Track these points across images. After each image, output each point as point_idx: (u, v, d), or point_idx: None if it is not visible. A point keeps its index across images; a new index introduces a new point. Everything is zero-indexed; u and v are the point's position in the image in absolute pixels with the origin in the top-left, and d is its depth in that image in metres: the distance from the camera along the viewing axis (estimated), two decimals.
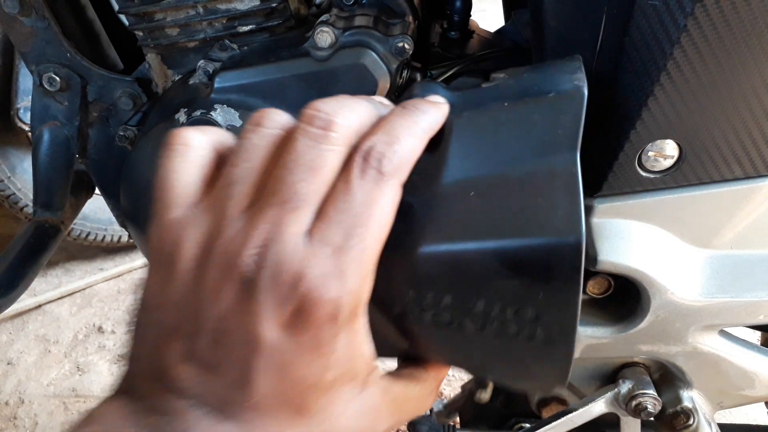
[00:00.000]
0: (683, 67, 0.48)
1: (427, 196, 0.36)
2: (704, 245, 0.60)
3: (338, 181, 0.32)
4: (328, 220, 0.31)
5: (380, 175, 0.32)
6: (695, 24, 0.46)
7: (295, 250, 0.30)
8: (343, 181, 0.31)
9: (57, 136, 0.70)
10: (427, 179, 0.36)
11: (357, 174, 0.31)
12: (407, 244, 0.36)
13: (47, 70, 0.68)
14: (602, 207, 0.57)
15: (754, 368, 0.68)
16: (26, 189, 1.96)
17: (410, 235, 0.36)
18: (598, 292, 0.66)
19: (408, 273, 0.36)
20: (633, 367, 0.71)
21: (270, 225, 0.30)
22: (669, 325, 0.63)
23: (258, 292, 0.30)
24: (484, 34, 0.83)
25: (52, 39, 0.67)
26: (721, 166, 0.54)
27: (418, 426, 0.83)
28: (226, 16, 0.63)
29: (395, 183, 0.33)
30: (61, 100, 0.70)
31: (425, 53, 0.75)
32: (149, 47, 0.66)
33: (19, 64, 1.81)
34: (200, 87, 0.62)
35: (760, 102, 0.51)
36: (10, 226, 2.22)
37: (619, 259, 0.58)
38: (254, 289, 0.30)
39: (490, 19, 1.06)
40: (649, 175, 0.55)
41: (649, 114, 0.51)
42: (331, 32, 0.59)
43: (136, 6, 0.63)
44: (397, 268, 0.36)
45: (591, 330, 0.65)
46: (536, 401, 0.80)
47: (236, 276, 0.30)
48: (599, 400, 0.70)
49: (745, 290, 0.61)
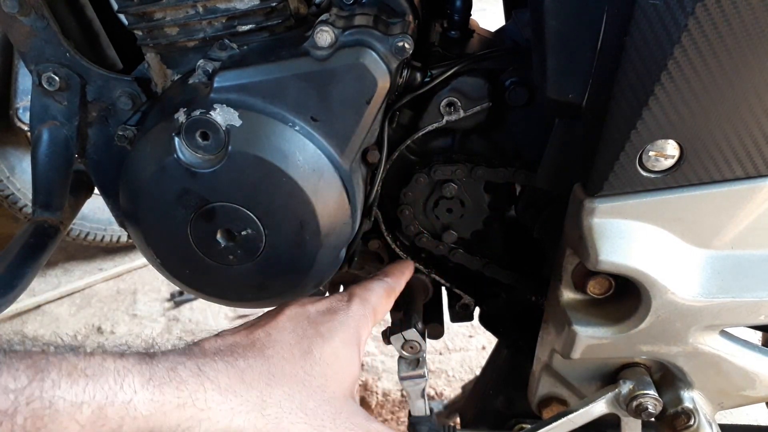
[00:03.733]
0: (684, 67, 0.48)
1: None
2: (705, 245, 0.60)
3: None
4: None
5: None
6: (696, 23, 0.46)
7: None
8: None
9: (56, 136, 0.70)
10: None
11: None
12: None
13: (46, 69, 0.68)
14: (603, 207, 0.57)
15: (755, 368, 0.68)
16: (25, 189, 1.96)
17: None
18: (598, 292, 0.66)
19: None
20: (634, 368, 0.71)
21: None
22: (670, 325, 0.63)
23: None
24: (485, 34, 0.83)
25: (51, 38, 0.67)
26: (722, 166, 0.54)
27: (419, 427, 0.82)
28: (226, 15, 0.63)
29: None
30: (60, 100, 0.69)
31: (425, 53, 0.75)
32: (148, 46, 0.66)
33: (18, 64, 1.81)
34: (200, 86, 0.62)
35: (761, 102, 0.51)
36: (10, 226, 2.22)
37: (620, 259, 0.58)
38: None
39: (490, 19, 1.06)
40: (650, 175, 0.55)
41: (649, 114, 0.51)
42: (330, 31, 0.59)
43: (135, 5, 0.63)
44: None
45: (591, 330, 0.65)
46: (537, 402, 0.80)
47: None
48: (600, 401, 0.70)
49: (746, 290, 0.61)
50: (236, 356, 0.51)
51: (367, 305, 0.63)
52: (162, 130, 0.62)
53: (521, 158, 0.76)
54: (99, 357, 0.43)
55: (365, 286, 0.67)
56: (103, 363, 0.42)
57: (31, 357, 0.40)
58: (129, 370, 0.43)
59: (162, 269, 0.70)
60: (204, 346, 0.52)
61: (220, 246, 0.65)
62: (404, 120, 0.73)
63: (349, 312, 0.61)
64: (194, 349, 0.51)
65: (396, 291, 0.70)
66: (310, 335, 0.56)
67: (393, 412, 1.60)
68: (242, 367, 0.50)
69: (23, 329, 2.06)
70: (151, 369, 0.44)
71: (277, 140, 0.60)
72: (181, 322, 2.04)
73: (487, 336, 1.83)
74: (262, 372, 0.51)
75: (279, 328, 0.56)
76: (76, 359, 0.41)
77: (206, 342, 0.53)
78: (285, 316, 0.58)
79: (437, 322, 0.90)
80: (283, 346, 0.54)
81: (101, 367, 0.42)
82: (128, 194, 0.67)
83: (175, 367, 0.46)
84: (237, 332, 0.55)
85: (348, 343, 0.58)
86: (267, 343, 0.54)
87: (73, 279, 2.28)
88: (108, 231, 2.19)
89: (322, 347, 0.56)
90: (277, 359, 0.52)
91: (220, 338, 0.54)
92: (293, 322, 0.57)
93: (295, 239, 0.64)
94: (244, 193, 0.62)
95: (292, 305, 0.60)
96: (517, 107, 0.71)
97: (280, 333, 0.55)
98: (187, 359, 0.48)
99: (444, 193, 0.76)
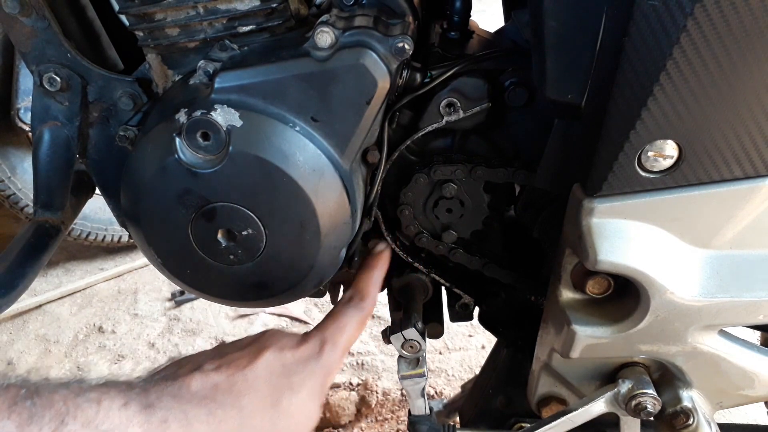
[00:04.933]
0: (683, 67, 0.48)
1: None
2: (704, 245, 0.60)
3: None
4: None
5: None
6: (695, 24, 0.46)
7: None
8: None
9: (57, 137, 0.70)
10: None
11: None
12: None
13: (48, 70, 0.68)
14: (602, 207, 0.58)
15: (754, 368, 0.68)
16: (27, 189, 1.96)
17: None
18: (597, 292, 0.66)
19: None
20: (632, 367, 0.71)
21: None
22: (668, 325, 0.63)
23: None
24: (484, 34, 0.83)
25: (52, 39, 0.67)
26: (720, 166, 0.55)
27: (418, 426, 0.83)
28: (227, 16, 0.63)
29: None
30: (61, 101, 0.70)
31: (425, 53, 0.75)
32: (149, 47, 0.66)
33: (19, 65, 1.81)
34: (200, 87, 0.62)
35: (760, 102, 0.51)
36: (11, 226, 2.22)
37: (619, 259, 0.58)
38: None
39: (490, 19, 1.06)
40: (649, 175, 0.55)
41: (648, 114, 0.51)
42: (331, 32, 0.59)
43: (136, 6, 0.63)
44: None
45: (591, 330, 0.65)
46: (536, 401, 0.80)
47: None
48: (599, 400, 0.70)
49: (745, 290, 0.61)
50: (217, 403, 0.57)
51: (337, 349, 0.68)
52: (163, 130, 0.62)
53: (521, 158, 0.76)
54: (105, 408, 0.49)
55: (338, 324, 0.70)
56: (108, 413, 0.49)
57: (52, 406, 0.46)
58: (131, 420, 0.50)
59: (163, 269, 0.70)
60: (191, 387, 0.57)
61: (221, 246, 0.65)
62: (404, 120, 0.74)
63: (320, 361, 0.66)
64: (183, 391, 0.56)
65: (370, 312, 0.73)
66: (282, 386, 0.62)
67: (393, 411, 1.60)
68: (220, 417, 0.57)
69: (24, 329, 2.06)
70: (149, 420, 0.51)
71: (277, 141, 0.61)
72: (181, 322, 2.04)
73: (486, 335, 1.83)
74: (234, 425, 0.58)
75: (256, 374, 0.61)
76: (89, 409, 0.48)
77: (193, 381, 0.58)
78: (263, 361, 0.62)
79: (437, 321, 0.91)
80: (257, 395, 0.60)
81: (107, 417, 0.49)
82: (129, 194, 0.67)
83: (167, 417, 0.53)
84: (220, 369, 0.60)
85: (313, 395, 0.64)
86: (243, 389, 0.60)
87: (75, 279, 2.29)
88: (109, 231, 2.19)
89: (291, 399, 0.62)
90: (249, 410, 0.59)
91: (204, 376, 0.59)
92: (268, 371, 0.62)
93: (296, 239, 0.64)
94: (245, 194, 0.62)
95: (271, 349, 0.64)
96: (516, 108, 0.72)
97: (255, 380, 0.61)
98: (176, 404, 0.54)
99: (444, 193, 0.76)
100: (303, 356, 0.65)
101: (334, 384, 1.69)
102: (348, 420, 1.58)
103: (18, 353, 1.97)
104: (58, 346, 1.99)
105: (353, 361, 1.80)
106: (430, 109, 0.72)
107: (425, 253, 0.84)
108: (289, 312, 2.00)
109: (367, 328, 1.91)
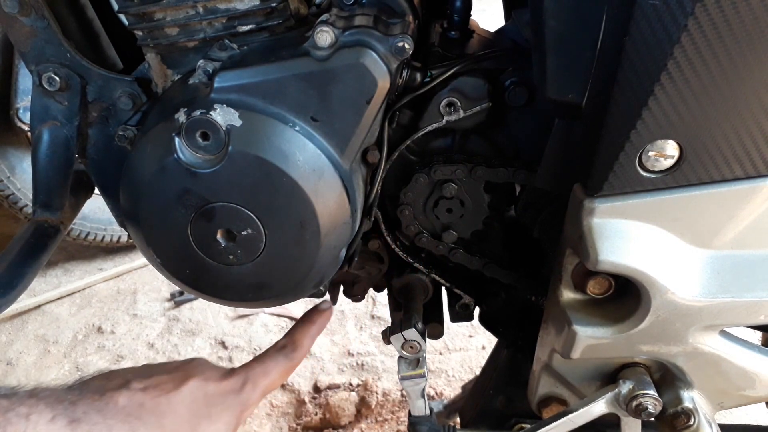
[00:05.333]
0: (684, 67, 0.48)
1: None
2: (705, 245, 0.60)
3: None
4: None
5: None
6: (696, 24, 0.46)
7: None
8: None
9: (56, 136, 0.70)
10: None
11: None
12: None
13: (47, 69, 0.68)
14: (603, 207, 0.57)
15: (755, 368, 0.68)
16: (26, 189, 1.96)
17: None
18: (598, 292, 0.66)
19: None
20: (633, 368, 0.71)
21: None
22: (669, 325, 0.63)
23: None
24: (484, 34, 0.83)
25: (51, 39, 0.67)
26: (721, 166, 0.54)
27: (418, 427, 0.83)
28: (226, 15, 0.63)
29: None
30: (60, 100, 0.69)
31: (425, 53, 0.75)
32: (149, 47, 0.66)
33: (18, 64, 1.81)
34: (200, 87, 0.62)
35: (761, 101, 0.51)
36: (10, 226, 2.22)
37: (620, 259, 0.58)
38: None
39: (490, 19, 1.06)
40: (650, 175, 0.55)
41: (649, 114, 0.51)
42: (331, 32, 0.59)
43: (135, 6, 0.63)
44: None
45: (591, 330, 0.65)
46: (537, 402, 0.80)
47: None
48: (600, 401, 0.70)
49: (746, 290, 0.61)
50: (141, 421, 0.61)
51: (256, 390, 0.72)
52: (162, 130, 0.62)
53: (521, 158, 0.76)
54: (33, 422, 0.53)
55: (264, 367, 0.74)
56: (36, 427, 0.52)
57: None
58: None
59: (162, 269, 0.70)
60: (118, 403, 0.61)
61: (221, 246, 0.65)
62: (404, 120, 0.73)
63: (239, 398, 0.70)
64: (109, 407, 0.60)
65: (298, 363, 0.77)
66: (202, 414, 0.66)
67: (393, 411, 1.60)
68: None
69: (23, 329, 2.06)
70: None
71: (277, 140, 0.60)
72: (181, 322, 2.04)
73: (486, 336, 1.83)
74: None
75: (179, 399, 0.65)
76: (18, 423, 0.51)
77: (120, 397, 0.62)
78: (188, 388, 0.66)
79: (437, 322, 0.91)
80: (178, 418, 0.64)
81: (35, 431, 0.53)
82: (128, 194, 0.67)
83: (92, 430, 0.57)
84: (146, 390, 0.64)
85: (229, 427, 0.68)
86: (166, 411, 0.64)
87: (74, 279, 2.28)
88: (108, 231, 2.19)
89: (208, 427, 0.66)
90: (169, 431, 0.63)
91: (131, 394, 0.63)
92: (191, 398, 0.66)
93: (296, 239, 0.64)
94: (245, 193, 0.62)
95: (196, 378, 0.68)
96: (516, 107, 0.71)
97: (178, 405, 0.65)
98: (102, 420, 0.58)
99: (444, 193, 0.76)
100: (225, 390, 0.69)
101: (334, 384, 1.69)
102: (348, 421, 1.58)
103: (17, 354, 1.97)
104: (57, 346, 1.99)
105: (353, 362, 1.80)
106: (430, 109, 0.72)
107: (425, 253, 0.84)
108: (288, 312, 2.00)
109: (367, 329, 1.91)
